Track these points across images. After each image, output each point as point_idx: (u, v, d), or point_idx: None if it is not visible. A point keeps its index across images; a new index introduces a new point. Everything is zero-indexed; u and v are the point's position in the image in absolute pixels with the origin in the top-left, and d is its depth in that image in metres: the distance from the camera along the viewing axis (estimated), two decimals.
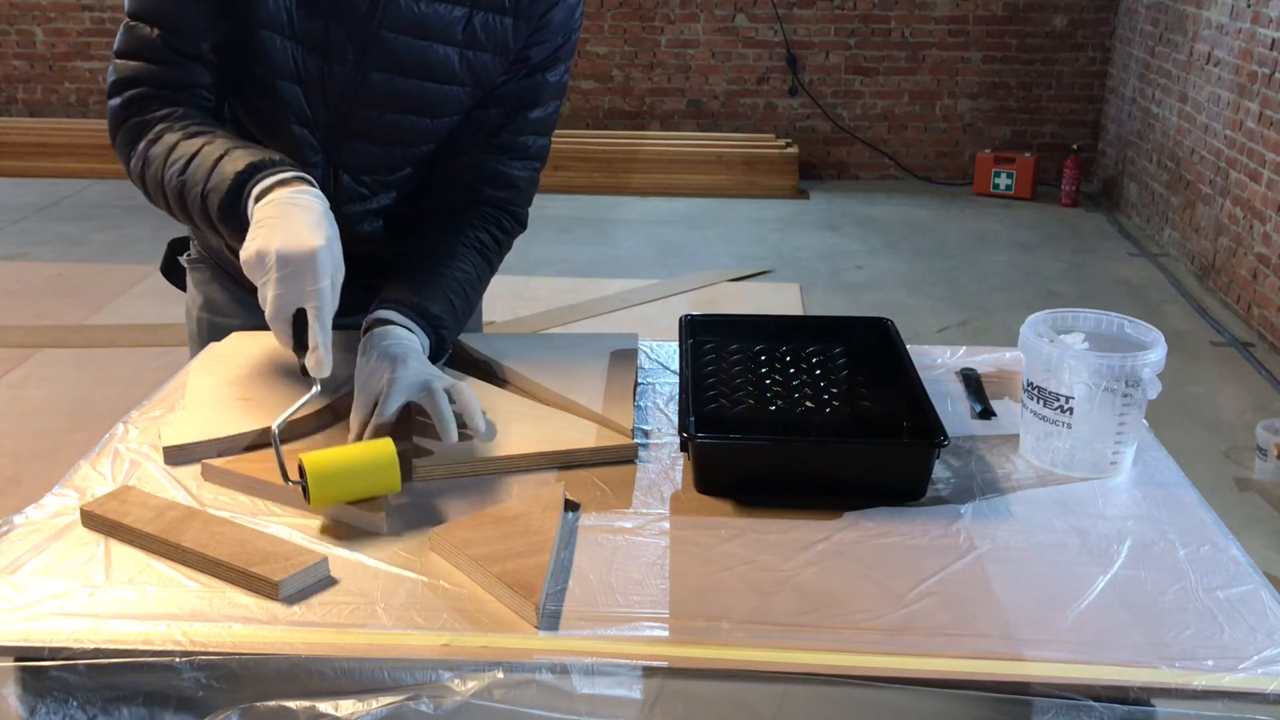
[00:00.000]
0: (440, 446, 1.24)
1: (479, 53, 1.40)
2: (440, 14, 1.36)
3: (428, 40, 1.37)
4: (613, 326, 4.26)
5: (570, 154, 6.30)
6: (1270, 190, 4.38)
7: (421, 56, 1.38)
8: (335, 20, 1.34)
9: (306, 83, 1.38)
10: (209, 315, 1.65)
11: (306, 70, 1.37)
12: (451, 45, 1.39)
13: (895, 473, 1.20)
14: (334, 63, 1.37)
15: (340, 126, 1.42)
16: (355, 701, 0.91)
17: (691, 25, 6.52)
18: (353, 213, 1.50)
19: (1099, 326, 1.32)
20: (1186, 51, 5.30)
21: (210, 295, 1.65)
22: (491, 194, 1.51)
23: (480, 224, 1.50)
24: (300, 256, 1.15)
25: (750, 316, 1.56)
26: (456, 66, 1.40)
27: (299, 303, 1.16)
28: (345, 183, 1.48)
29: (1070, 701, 0.90)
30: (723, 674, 0.93)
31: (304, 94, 1.39)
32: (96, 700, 0.94)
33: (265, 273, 1.16)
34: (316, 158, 1.44)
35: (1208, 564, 1.08)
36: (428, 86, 1.41)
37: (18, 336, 4.22)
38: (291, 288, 1.15)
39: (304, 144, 1.42)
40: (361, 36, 1.35)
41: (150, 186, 1.34)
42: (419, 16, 1.35)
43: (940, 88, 6.54)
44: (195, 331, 1.68)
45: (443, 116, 1.45)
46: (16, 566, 1.04)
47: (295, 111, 1.40)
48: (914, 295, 4.83)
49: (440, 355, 1.40)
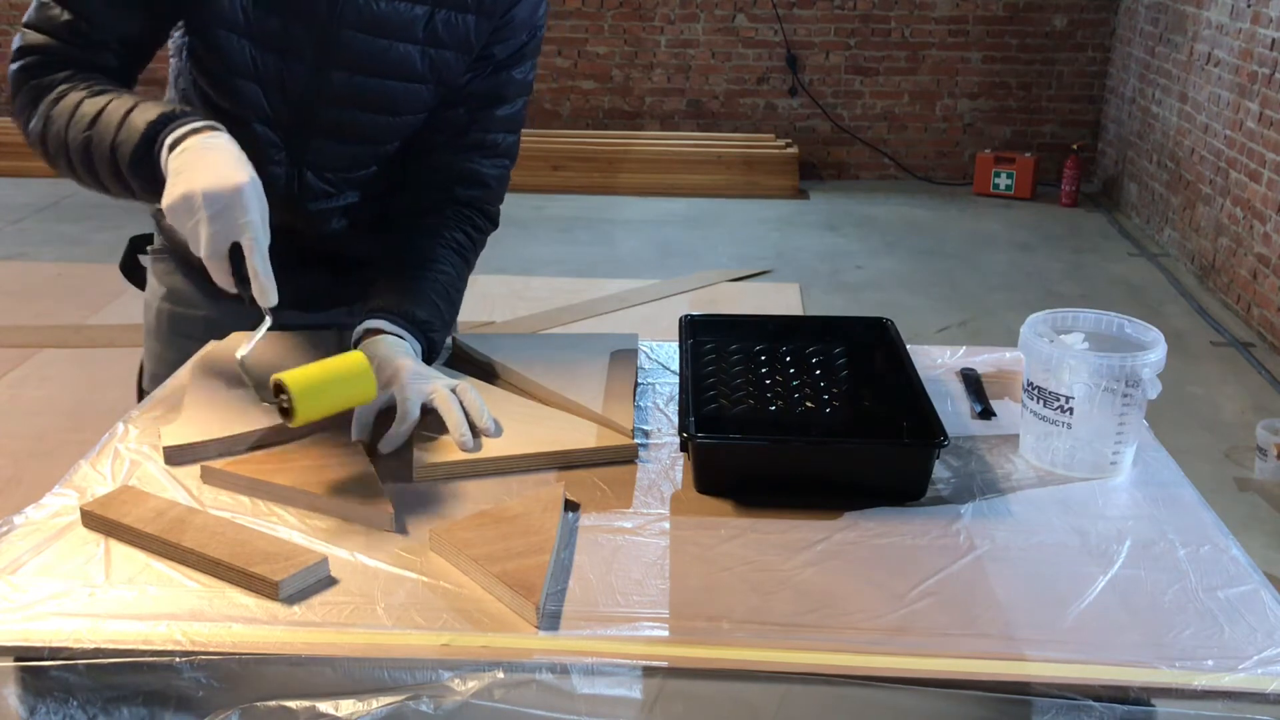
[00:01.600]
0: (440, 446, 1.24)
1: (441, 50, 1.40)
2: (400, 12, 1.36)
3: (388, 39, 1.37)
4: (613, 326, 4.26)
5: (570, 154, 6.30)
6: (1270, 190, 4.38)
7: (382, 55, 1.37)
8: (293, 18, 1.34)
9: (265, 81, 1.37)
10: (171, 306, 1.63)
11: (264, 68, 1.36)
12: (413, 43, 1.38)
13: (895, 473, 1.20)
14: (292, 61, 1.36)
15: (303, 125, 1.42)
16: (355, 701, 0.91)
17: (691, 25, 6.52)
18: (318, 211, 1.50)
19: (1099, 326, 1.32)
20: (1186, 51, 5.30)
21: (174, 285, 1.63)
22: (463, 193, 1.51)
23: (455, 224, 1.50)
24: (228, 192, 1.16)
25: (750, 316, 1.56)
26: (418, 64, 1.40)
27: (233, 237, 1.17)
28: (310, 181, 1.47)
29: (1070, 701, 0.90)
30: (723, 674, 0.93)
31: (264, 92, 1.38)
32: (96, 700, 0.94)
33: (194, 214, 1.16)
34: (279, 155, 1.44)
35: (1208, 564, 1.08)
36: (390, 84, 1.40)
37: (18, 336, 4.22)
38: (223, 224, 1.16)
39: (267, 143, 1.42)
40: (320, 35, 1.35)
41: (52, 147, 1.31)
42: (379, 15, 1.35)
43: (940, 88, 6.54)
44: (155, 325, 1.66)
45: (406, 114, 1.45)
46: (16, 566, 1.04)
47: (256, 110, 1.39)
48: (914, 295, 4.83)
49: (432, 359, 1.41)
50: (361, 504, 1.14)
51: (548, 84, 6.62)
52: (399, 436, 1.25)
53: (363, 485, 1.18)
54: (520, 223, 5.75)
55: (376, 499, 1.14)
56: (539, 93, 6.62)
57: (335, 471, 1.20)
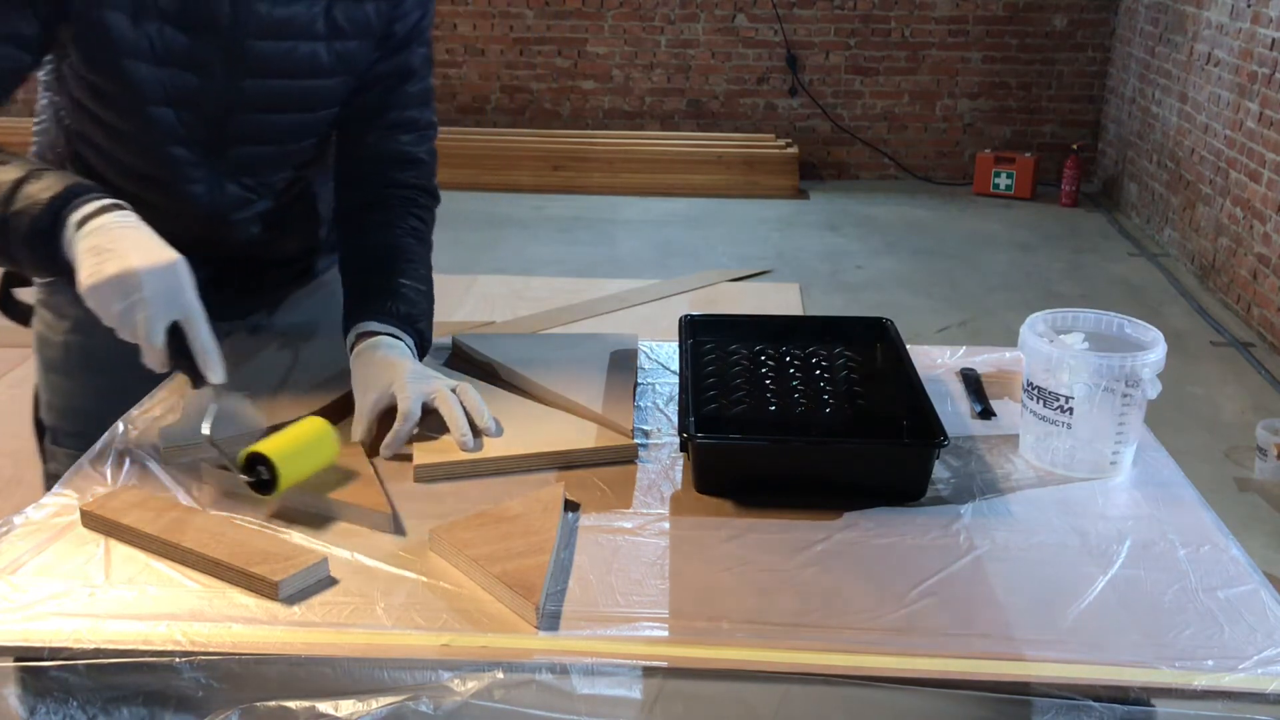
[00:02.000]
0: (440, 447, 1.24)
1: (345, 42, 1.39)
2: (299, 13, 1.34)
3: (293, 39, 1.35)
4: (613, 326, 4.26)
5: (570, 154, 6.30)
6: (1270, 190, 4.38)
7: (289, 57, 1.36)
8: (198, 35, 1.31)
9: (179, 103, 1.34)
10: (82, 338, 1.52)
11: (176, 91, 1.33)
12: (317, 40, 1.37)
13: (895, 473, 1.20)
14: (203, 78, 1.33)
15: (220, 137, 1.39)
16: (355, 701, 0.91)
17: (691, 25, 6.52)
18: (240, 219, 1.47)
19: (1099, 326, 1.32)
20: (1186, 51, 5.30)
21: (81, 316, 1.41)
22: (399, 176, 1.50)
23: (404, 210, 1.49)
24: (167, 271, 1.14)
25: (750, 316, 1.56)
26: (325, 60, 1.38)
27: (173, 316, 1.15)
28: (230, 191, 1.44)
29: (1070, 701, 0.90)
30: (723, 674, 0.93)
31: (177, 115, 1.35)
32: (96, 700, 0.94)
33: (130, 294, 1.12)
34: (198, 173, 1.41)
35: (1208, 564, 1.08)
36: (301, 84, 1.39)
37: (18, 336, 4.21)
38: (163, 303, 1.14)
39: (184, 163, 1.39)
40: (226, 48, 1.32)
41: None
42: (279, 18, 1.33)
43: (940, 88, 6.54)
44: (61, 360, 1.57)
45: (320, 110, 1.44)
46: (16, 566, 1.04)
47: (170, 133, 1.36)
48: (914, 295, 4.83)
49: (424, 351, 1.41)
50: (361, 505, 1.14)
51: (548, 84, 6.63)
52: (401, 436, 1.25)
53: (362, 486, 1.18)
54: (520, 223, 5.75)
55: (376, 500, 1.15)
56: (539, 93, 6.63)
57: (335, 472, 1.20)
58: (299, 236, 1.60)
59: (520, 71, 6.62)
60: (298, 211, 1.56)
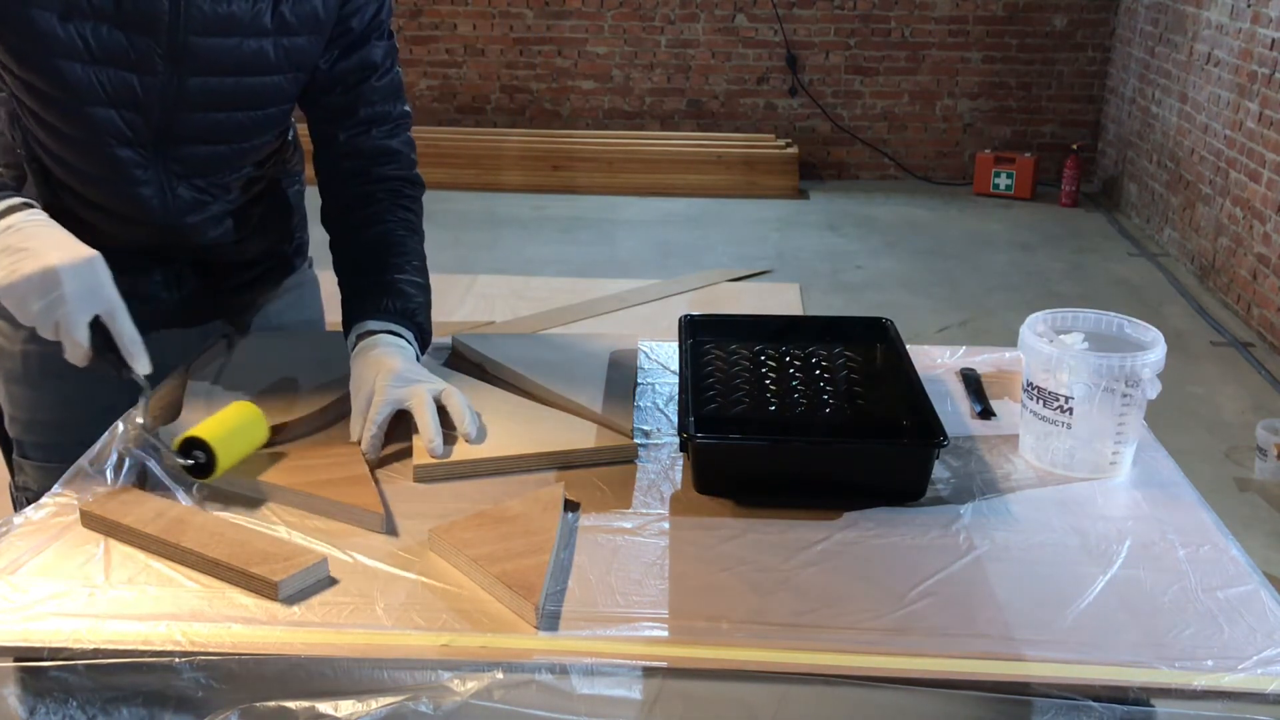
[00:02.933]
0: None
1: (293, 38, 1.36)
2: (243, 9, 1.31)
3: (238, 36, 1.32)
4: (613, 326, 4.26)
5: (570, 154, 6.30)
6: (1270, 190, 4.38)
7: (234, 54, 1.33)
8: (135, 33, 1.27)
9: (119, 103, 1.31)
10: (40, 347, 1.43)
11: (116, 91, 1.30)
12: (264, 36, 1.34)
13: (895, 473, 1.20)
14: (144, 76, 1.30)
15: (166, 137, 1.37)
16: (355, 702, 0.91)
17: (691, 25, 6.52)
18: (196, 222, 1.45)
19: (1099, 326, 1.32)
20: (1186, 51, 5.30)
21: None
22: (381, 171, 1.49)
23: (391, 203, 1.48)
24: (87, 267, 1.15)
25: (750, 316, 1.56)
26: (273, 56, 1.36)
27: (94, 310, 1.15)
28: (182, 193, 1.42)
29: (1070, 701, 0.90)
30: (723, 674, 0.93)
31: (119, 116, 1.32)
32: (96, 700, 0.94)
33: (49, 292, 1.13)
34: (147, 174, 1.38)
35: (1208, 564, 1.08)
36: (247, 81, 1.36)
37: None
38: (84, 299, 1.15)
39: (130, 164, 1.36)
40: (168, 45, 1.29)
41: None
42: (223, 15, 1.30)
43: (940, 88, 6.54)
44: (20, 370, 1.51)
45: (269, 107, 1.41)
46: (16, 566, 1.04)
47: (114, 135, 1.33)
48: (914, 295, 4.83)
49: (426, 343, 1.41)
50: (352, 505, 1.14)
51: (548, 84, 6.62)
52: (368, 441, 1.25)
53: (356, 486, 1.18)
54: (520, 223, 5.75)
55: (369, 500, 1.14)
56: (539, 92, 6.62)
57: (330, 471, 1.20)
58: (267, 237, 1.58)
59: (520, 71, 6.62)
60: (263, 212, 1.54)
